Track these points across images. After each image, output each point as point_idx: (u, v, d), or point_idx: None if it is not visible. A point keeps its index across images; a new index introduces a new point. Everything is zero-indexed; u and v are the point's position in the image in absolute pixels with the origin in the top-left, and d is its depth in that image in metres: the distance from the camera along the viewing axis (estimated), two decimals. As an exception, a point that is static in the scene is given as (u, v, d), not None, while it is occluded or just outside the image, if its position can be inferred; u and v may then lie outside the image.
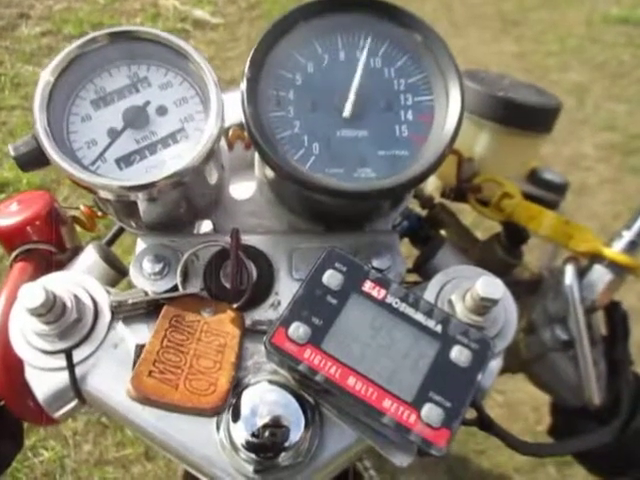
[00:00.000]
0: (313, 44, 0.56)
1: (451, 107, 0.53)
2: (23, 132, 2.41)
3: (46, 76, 0.51)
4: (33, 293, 0.46)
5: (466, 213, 0.82)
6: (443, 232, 0.78)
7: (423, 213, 0.79)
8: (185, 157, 0.51)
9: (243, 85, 0.52)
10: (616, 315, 0.64)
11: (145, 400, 0.46)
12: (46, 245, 0.59)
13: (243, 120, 0.53)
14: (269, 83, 0.54)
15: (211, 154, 0.52)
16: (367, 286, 0.49)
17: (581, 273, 0.62)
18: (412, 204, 0.75)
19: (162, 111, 0.54)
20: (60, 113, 0.52)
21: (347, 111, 0.53)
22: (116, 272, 0.62)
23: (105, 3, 3.33)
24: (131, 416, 0.49)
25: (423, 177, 0.52)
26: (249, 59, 0.53)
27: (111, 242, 0.75)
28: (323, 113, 0.54)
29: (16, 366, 0.50)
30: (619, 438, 0.59)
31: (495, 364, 0.52)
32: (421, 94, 0.55)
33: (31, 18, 3.14)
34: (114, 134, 0.53)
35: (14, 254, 0.59)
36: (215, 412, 0.47)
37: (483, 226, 0.82)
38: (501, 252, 0.71)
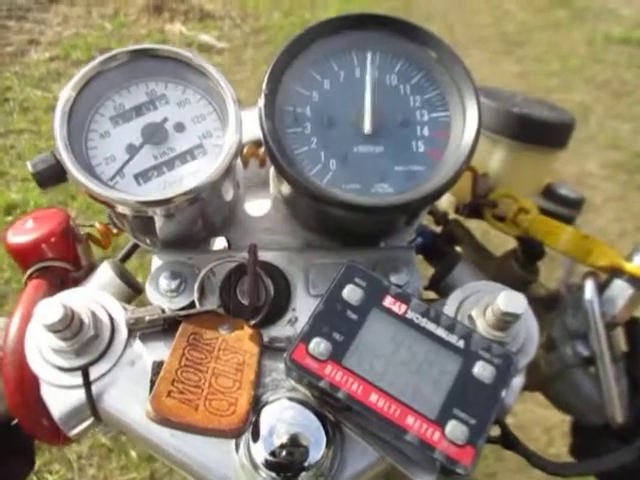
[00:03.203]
0: (329, 61, 0.56)
1: (468, 123, 0.53)
2: (31, 155, 2.42)
3: (67, 92, 0.52)
4: (51, 309, 0.46)
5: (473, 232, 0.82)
6: (458, 248, 0.78)
7: (437, 229, 0.79)
8: (203, 173, 0.51)
9: (261, 101, 0.53)
10: (636, 331, 0.63)
11: (165, 421, 0.45)
12: (62, 263, 0.59)
13: (261, 136, 0.53)
14: (286, 99, 0.54)
15: (229, 170, 0.52)
16: (388, 301, 0.48)
17: (601, 288, 0.61)
18: (426, 220, 0.75)
19: (180, 127, 0.54)
20: (79, 129, 0.53)
21: (367, 127, 0.53)
22: (131, 289, 0.62)
23: (112, 29, 3.40)
24: (148, 434, 0.48)
25: (440, 192, 0.52)
26: (267, 76, 0.53)
27: (124, 259, 0.75)
28: (340, 129, 0.54)
29: (31, 384, 0.50)
30: None
31: (518, 380, 0.52)
32: (437, 110, 0.55)
33: (40, 44, 3.20)
34: (132, 150, 0.53)
35: (29, 271, 0.59)
36: (236, 434, 0.46)
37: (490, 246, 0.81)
38: (517, 268, 0.71)
